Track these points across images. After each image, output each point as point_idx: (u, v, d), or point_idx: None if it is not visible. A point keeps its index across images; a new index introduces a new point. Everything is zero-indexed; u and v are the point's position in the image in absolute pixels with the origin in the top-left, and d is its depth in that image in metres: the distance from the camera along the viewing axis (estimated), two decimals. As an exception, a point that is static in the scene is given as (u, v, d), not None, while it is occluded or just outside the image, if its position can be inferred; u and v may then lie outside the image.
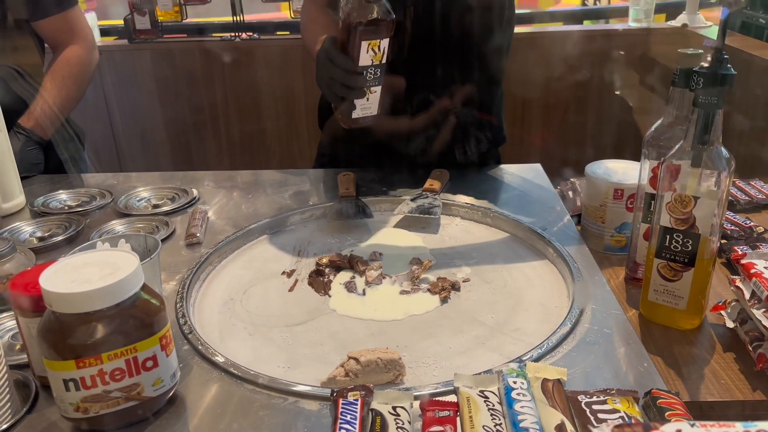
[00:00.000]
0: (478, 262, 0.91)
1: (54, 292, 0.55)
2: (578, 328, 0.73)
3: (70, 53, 1.37)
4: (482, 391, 0.59)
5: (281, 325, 0.79)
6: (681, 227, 0.74)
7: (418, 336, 0.75)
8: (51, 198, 1.15)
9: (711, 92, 0.69)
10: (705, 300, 0.79)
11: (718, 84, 0.68)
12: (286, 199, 1.12)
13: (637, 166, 0.87)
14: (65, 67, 1.36)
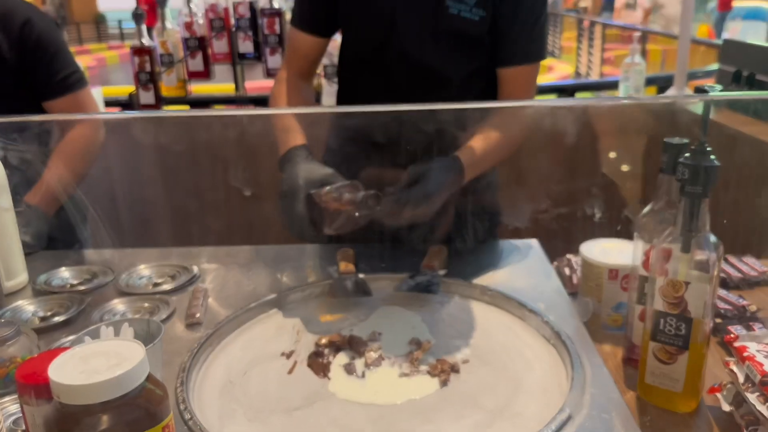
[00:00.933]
0: (477, 343, 0.92)
1: (62, 384, 0.56)
2: (576, 414, 0.73)
3: (77, 133, 1.42)
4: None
5: (280, 410, 0.79)
6: (674, 311, 0.76)
7: (418, 422, 0.76)
8: (53, 276, 1.16)
9: (696, 183, 0.72)
10: (701, 382, 0.79)
11: (702, 176, 0.72)
12: (285, 276, 1.13)
13: (631, 246, 0.89)
14: (72, 146, 1.40)
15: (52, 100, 1.39)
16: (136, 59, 1.97)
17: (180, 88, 2.01)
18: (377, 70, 1.20)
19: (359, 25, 1.20)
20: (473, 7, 1.12)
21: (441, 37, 1.14)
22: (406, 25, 1.14)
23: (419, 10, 1.13)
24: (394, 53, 1.16)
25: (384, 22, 1.15)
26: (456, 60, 1.18)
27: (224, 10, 1.95)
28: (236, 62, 2.02)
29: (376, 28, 1.16)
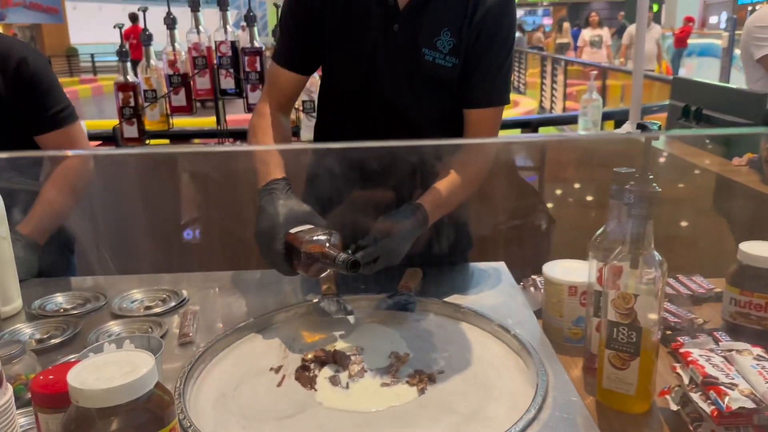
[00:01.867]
0: (451, 355, 1.00)
1: (81, 389, 0.62)
2: (541, 415, 0.82)
3: (68, 165, 1.48)
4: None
5: (271, 419, 0.86)
6: (625, 321, 0.85)
7: (400, 425, 0.83)
8: (47, 301, 1.21)
9: (641, 207, 0.82)
10: (652, 386, 0.88)
11: (646, 201, 0.82)
12: (271, 298, 1.20)
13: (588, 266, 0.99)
14: (63, 178, 1.46)
15: (44, 134, 1.45)
16: (120, 94, 2.04)
17: (163, 122, 2.09)
18: (356, 109, 1.29)
19: (341, 67, 1.29)
20: (447, 55, 1.22)
21: (417, 81, 1.25)
22: (385, 70, 1.24)
23: (398, 56, 1.23)
24: (372, 94, 1.25)
25: (365, 66, 1.24)
26: (429, 102, 1.28)
27: (207, 48, 2.04)
28: (218, 98, 2.11)
29: (357, 71, 1.26)
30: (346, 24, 1.24)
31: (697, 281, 1.28)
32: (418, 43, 1.22)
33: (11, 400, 0.68)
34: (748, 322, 1.07)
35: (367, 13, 1.22)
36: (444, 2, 1.21)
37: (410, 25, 1.22)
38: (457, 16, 1.22)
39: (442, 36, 1.22)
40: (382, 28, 1.22)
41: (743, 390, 0.79)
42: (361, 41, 1.24)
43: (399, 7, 1.21)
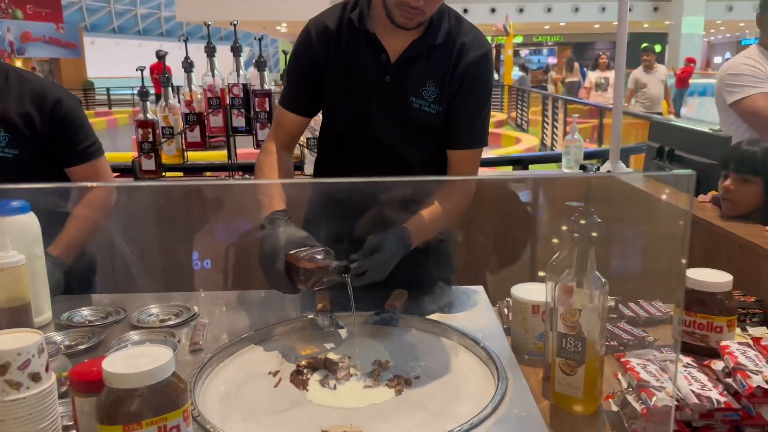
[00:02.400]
0: (427, 363, 1.14)
1: (114, 373, 0.77)
2: (499, 411, 0.96)
3: (94, 195, 1.65)
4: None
5: (268, 412, 1.00)
6: (572, 333, 0.99)
7: (377, 419, 0.97)
8: (74, 314, 1.37)
9: (584, 235, 0.97)
10: (597, 390, 1.02)
11: (588, 230, 0.97)
12: (271, 314, 1.35)
13: (549, 288, 1.13)
14: (89, 206, 1.63)
15: (74, 166, 1.62)
16: (140, 130, 2.22)
17: (178, 156, 2.27)
18: (351, 148, 1.46)
19: (339, 111, 1.47)
20: (432, 103, 1.40)
21: (405, 125, 1.42)
22: (378, 115, 1.41)
23: (389, 103, 1.40)
24: (366, 135, 1.42)
25: (360, 111, 1.42)
26: (416, 143, 1.45)
27: (221, 90, 2.23)
28: (230, 134, 2.29)
29: (353, 115, 1.43)
30: (345, 75, 1.42)
31: (656, 305, 1.42)
32: (407, 92, 1.40)
33: (54, 384, 0.83)
34: (693, 340, 1.21)
35: (363, 66, 1.40)
36: (429, 58, 1.39)
37: (400, 77, 1.39)
38: (441, 69, 1.39)
39: (427, 87, 1.39)
40: (376, 79, 1.40)
41: (669, 392, 0.93)
42: (357, 90, 1.42)
43: (391, 62, 1.39)
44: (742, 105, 2.19)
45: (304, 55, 1.44)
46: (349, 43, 1.40)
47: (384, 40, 1.39)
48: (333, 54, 1.41)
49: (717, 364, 1.02)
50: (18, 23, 17.42)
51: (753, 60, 2.26)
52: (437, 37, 1.38)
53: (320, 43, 1.41)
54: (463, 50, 1.39)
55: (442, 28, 1.39)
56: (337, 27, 1.41)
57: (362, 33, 1.39)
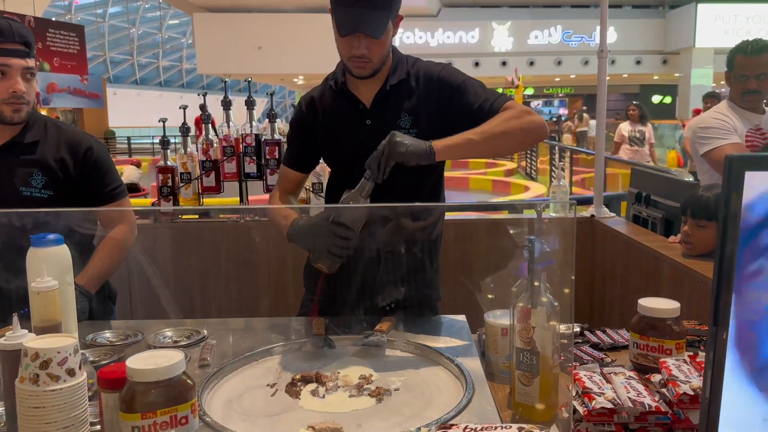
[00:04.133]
0: (406, 378, 1.29)
1: (135, 368, 0.94)
2: (461, 416, 1.10)
3: (117, 232, 1.84)
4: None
5: (265, 415, 1.16)
6: (527, 347, 1.15)
7: (358, 421, 1.12)
8: (98, 336, 1.54)
9: (534, 261, 1.14)
10: (552, 399, 1.16)
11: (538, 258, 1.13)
12: (271, 337, 1.51)
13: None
14: (113, 242, 1.82)
15: (101, 206, 1.82)
16: (160, 176, 2.44)
17: (194, 200, 2.47)
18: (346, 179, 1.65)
19: (334, 158, 1.73)
20: (409, 129, 1.61)
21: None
22: (365, 153, 1.58)
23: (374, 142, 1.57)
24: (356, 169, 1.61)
25: (348, 152, 1.65)
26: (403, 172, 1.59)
27: (235, 139, 2.44)
28: (242, 180, 2.50)
29: (343, 155, 1.68)
30: (333, 128, 1.68)
31: (620, 333, 1.56)
32: (387, 128, 1.59)
33: (86, 380, 1.00)
34: (647, 362, 1.35)
35: (345, 117, 1.66)
36: (397, 94, 1.63)
37: (378, 117, 1.64)
38: (409, 99, 1.63)
39: (402, 118, 1.63)
40: (359, 125, 1.65)
41: (608, 396, 1.07)
42: (344, 137, 1.67)
43: (367, 107, 1.64)
44: (711, 155, 2.37)
45: (298, 124, 1.74)
46: (332, 104, 1.68)
47: (358, 93, 1.65)
48: (320, 116, 1.69)
49: (656, 377, 1.16)
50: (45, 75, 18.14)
51: (722, 114, 2.45)
52: (396, 75, 1.64)
53: (308, 112, 1.71)
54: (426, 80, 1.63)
55: (399, 69, 1.65)
56: (320, 95, 1.70)
57: (340, 93, 1.66)
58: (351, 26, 1.51)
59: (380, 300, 1.57)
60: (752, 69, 2.44)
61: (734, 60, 2.48)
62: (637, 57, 20.91)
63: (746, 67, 2.45)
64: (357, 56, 1.54)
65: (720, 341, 0.73)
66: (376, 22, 1.51)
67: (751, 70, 2.44)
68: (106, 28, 33.11)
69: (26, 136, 1.72)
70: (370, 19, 1.50)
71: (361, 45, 1.53)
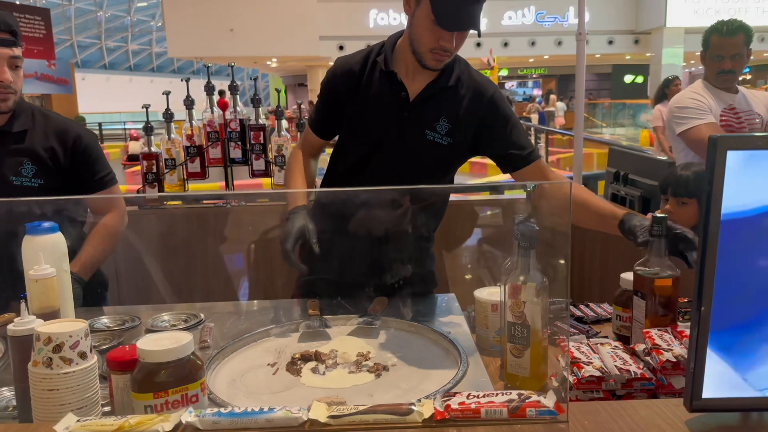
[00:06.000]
0: (402, 354, 1.34)
1: (146, 349, 0.97)
2: (457, 387, 1.16)
3: (108, 220, 1.85)
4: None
5: (267, 393, 1.20)
6: (518, 321, 1.20)
7: (359, 395, 1.17)
8: (95, 321, 1.56)
9: (524, 241, 1.19)
10: (542, 370, 1.22)
11: (527, 237, 1.18)
12: (268, 318, 1.55)
13: (506, 289, 1.34)
14: (104, 230, 1.83)
15: (91, 193, 1.83)
16: (145, 162, 2.44)
17: (180, 186, 2.48)
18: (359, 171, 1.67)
19: (356, 139, 1.68)
20: (444, 136, 1.61)
21: (416, 154, 1.63)
22: (392, 144, 1.62)
23: (405, 135, 1.62)
24: (374, 160, 1.64)
25: (375, 141, 1.64)
26: (423, 169, 1.65)
27: (219, 125, 2.45)
28: (227, 165, 2.51)
29: (367, 144, 1.65)
30: (366, 109, 1.63)
31: (602, 307, 1.63)
32: (423, 126, 1.61)
33: (96, 362, 1.02)
34: (628, 332, 1.42)
35: (384, 102, 1.62)
36: (442, 96, 1.61)
37: (417, 112, 1.62)
38: (453, 107, 1.61)
39: (440, 121, 1.61)
40: (395, 114, 1.62)
41: (595, 365, 1.14)
42: (375, 122, 1.64)
43: (410, 99, 1.61)
44: (688, 135, 2.44)
45: (329, 89, 1.68)
46: (371, 83, 1.62)
47: (405, 81, 1.61)
48: (354, 91, 1.63)
49: (640, 346, 1.23)
50: (11, 61, 17.70)
51: (697, 94, 2.52)
52: (449, 80, 1.61)
53: (343, 81, 1.64)
54: (476, 95, 1.62)
55: (454, 72, 1.62)
56: (360, 69, 1.63)
57: (386, 74, 1.61)
58: (462, 23, 1.48)
59: (388, 278, 1.60)
60: (727, 49, 2.50)
61: (710, 40, 2.55)
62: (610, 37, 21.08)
63: (721, 48, 2.51)
64: (444, 49, 1.51)
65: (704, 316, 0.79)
66: (476, 18, 1.49)
67: (726, 51, 2.50)
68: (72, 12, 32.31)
69: (14, 125, 1.71)
70: (477, 15, 1.48)
71: (454, 39, 1.50)
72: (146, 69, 38.58)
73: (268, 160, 2.48)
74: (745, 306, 0.80)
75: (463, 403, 0.89)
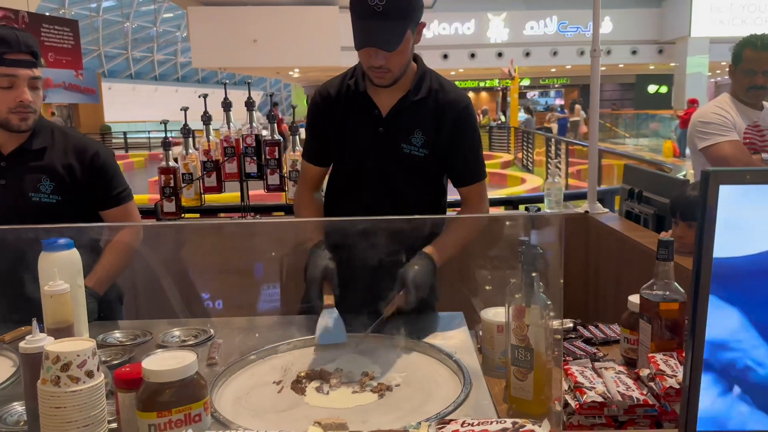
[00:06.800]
0: (406, 374, 1.35)
1: (151, 369, 0.99)
2: (459, 410, 1.16)
3: (123, 235, 1.89)
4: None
5: (272, 411, 1.21)
6: (522, 344, 1.20)
7: (361, 416, 1.18)
8: (107, 336, 1.59)
9: (528, 264, 1.19)
10: (546, 394, 1.22)
11: (530, 260, 1.19)
12: (276, 334, 1.56)
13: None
14: (119, 245, 1.86)
15: (107, 209, 1.87)
16: (162, 176, 2.48)
17: (196, 200, 2.52)
18: (352, 185, 1.72)
19: (342, 159, 1.75)
20: (420, 148, 1.67)
21: (398, 166, 1.69)
22: (373, 160, 1.68)
23: (383, 150, 1.67)
24: (364, 174, 1.69)
25: (359, 158, 1.70)
26: (406, 178, 1.71)
27: (236, 140, 2.49)
28: (243, 179, 2.55)
29: (352, 162, 1.71)
30: (345, 130, 1.71)
31: (612, 328, 1.62)
32: (398, 140, 1.65)
33: (103, 381, 1.05)
34: (635, 355, 1.41)
35: (360, 121, 1.69)
36: (414, 110, 1.67)
37: (391, 127, 1.67)
38: (426, 119, 1.67)
39: (415, 134, 1.67)
40: (371, 131, 1.68)
41: (598, 391, 1.13)
42: (355, 141, 1.71)
43: (383, 115, 1.66)
44: (710, 151, 2.40)
45: (313, 116, 1.76)
46: (347, 105, 1.70)
47: (376, 99, 1.67)
48: (334, 114, 1.71)
49: (644, 371, 1.22)
50: (40, 71, 18.11)
51: (722, 109, 2.47)
52: (419, 93, 1.66)
53: (324, 106, 1.72)
54: (446, 106, 1.67)
55: (423, 85, 1.67)
56: (336, 93, 1.71)
57: (359, 95, 1.67)
58: (365, 40, 1.52)
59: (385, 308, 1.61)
60: (761, 64, 2.41)
61: (742, 54, 2.45)
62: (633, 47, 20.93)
63: (755, 62, 2.41)
64: (376, 67, 1.56)
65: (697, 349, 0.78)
66: (391, 34, 1.51)
67: (760, 66, 2.41)
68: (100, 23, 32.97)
69: (34, 142, 1.76)
70: (385, 32, 1.50)
71: (379, 56, 1.54)
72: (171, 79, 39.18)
73: (283, 174, 2.51)
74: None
75: (457, 430, 0.89)
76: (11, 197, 1.74)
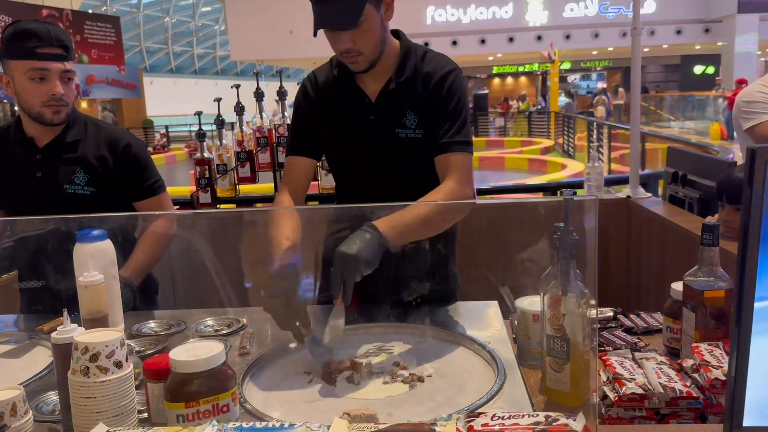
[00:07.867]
0: (438, 364, 1.32)
1: (179, 360, 0.99)
2: (492, 402, 1.13)
3: (157, 225, 1.90)
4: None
5: (303, 401, 1.20)
6: (558, 334, 1.16)
7: (391, 407, 1.16)
8: (143, 326, 1.61)
9: (565, 251, 1.14)
10: (583, 385, 1.17)
11: (567, 247, 1.14)
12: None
13: (548, 299, 1.30)
14: (154, 235, 1.88)
15: (141, 200, 1.89)
16: (198, 168, 2.50)
17: (231, 190, 2.53)
18: (352, 176, 1.69)
19: (335, 149, 1.70)
20: (415, 129, 1.59)
21: (393, 151, 1.62)
22: (366, 147, 1.63)
23: (376, 136, 1.61)
24: (360, 166, 1.65)
25: (351, 147, 1.65)
26: (402, 161, 1.63)
27: (268, 130, 2.49)
28: (276, 169, 2.55)
29: (345, 151, 1.67)
30: (336, 119, 1.64)
31: (654, 317, 1.56)
32: (390, 125, 1.60)
33: (132, 371, 1.05)
34: (678, 345, 1.35)
35: (350, 110, 1.63)
36: (402, 91, 1.59)
37: (382, 112, 1.61)
38: (415, 98, 1.59)
39: (407, 116, 1.60)
40: (363, 118, 1.62)
41: (638, 382, 1.08)
42: (346, 129, 1.64)
43: (372, 102, 1.61)
44: (755, 131, 2.30)
45: (302, 106, 1.68)
46: (336, 94, 1.63)
47: (363, 86, 1.61)
48: (324, 103, 1.65)
49: (688, 362, 1.16)
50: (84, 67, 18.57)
51: (767, 87, 2.37)
52: (404, 73, 1.59)
53: (315, 95, 1.65)
54: (428, 77, 1.59)
55: (408, 64, 1.60)
56: (324, 81, 1.65)
57: (345, 84, 1.62)
58: (318, 22, 1.46)
59: (406, 296, 1.57)
60: None
61: None
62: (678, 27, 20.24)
63: None
64: (344, 51, 1.50)
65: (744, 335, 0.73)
66: (346, 12, 1.43)
67: None
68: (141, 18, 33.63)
69: (68, 135, 1.79)
70: (340, 11, 1.43)
71: (343, 39, 1.47)
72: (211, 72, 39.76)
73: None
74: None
75: (486, 424, 0.86)
76: (47, 189, 1.77)
